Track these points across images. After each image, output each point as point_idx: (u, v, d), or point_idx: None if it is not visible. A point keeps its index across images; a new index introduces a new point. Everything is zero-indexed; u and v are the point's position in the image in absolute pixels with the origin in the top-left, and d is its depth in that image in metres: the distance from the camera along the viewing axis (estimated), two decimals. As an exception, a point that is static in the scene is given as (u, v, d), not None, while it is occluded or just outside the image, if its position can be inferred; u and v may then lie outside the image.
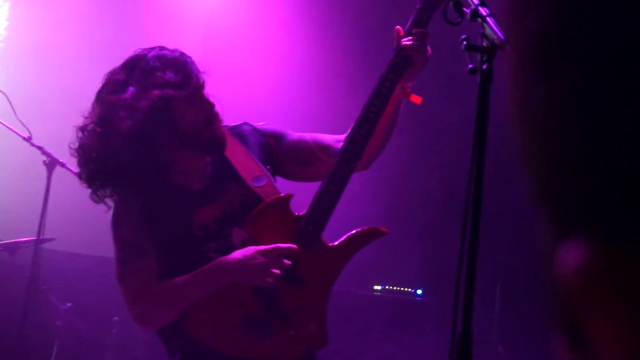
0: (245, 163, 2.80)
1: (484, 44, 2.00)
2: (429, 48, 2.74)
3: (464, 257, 1.93)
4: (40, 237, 5.05)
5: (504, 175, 3.15)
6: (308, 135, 2.93)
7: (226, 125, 2.80)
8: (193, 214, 2.68)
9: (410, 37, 2.72)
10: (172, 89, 2.53)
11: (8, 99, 5.14)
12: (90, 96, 2.70)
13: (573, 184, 0.64)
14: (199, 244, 2.67)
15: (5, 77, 6.86)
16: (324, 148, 2.87)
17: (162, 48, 2.63)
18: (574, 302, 0.65)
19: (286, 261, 2.61)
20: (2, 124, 5.20)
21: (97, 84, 2.70)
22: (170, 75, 2.54)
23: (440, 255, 5.13)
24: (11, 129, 5.18)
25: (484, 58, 1.98)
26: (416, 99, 2.75)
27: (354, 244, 2.81)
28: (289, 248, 2.63)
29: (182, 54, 2.64)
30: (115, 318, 5.68)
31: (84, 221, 6.24)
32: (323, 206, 2.69)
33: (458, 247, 1.92)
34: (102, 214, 2.70)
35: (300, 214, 2.72)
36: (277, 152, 2.90)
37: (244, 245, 2.66)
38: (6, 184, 6.69)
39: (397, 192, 6.44)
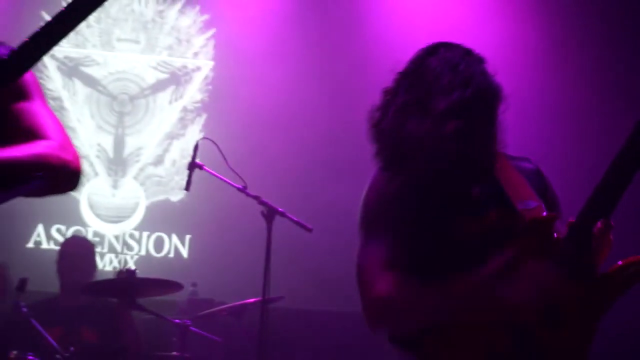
0: (518, 186, 2.77)
1: None
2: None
3: None
4: (267, 297, 5.12)
5: None
6: None
7: (504, 153, 2.85)
8: (456, 219, 2.70)
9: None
10: None
11: (219, 148, 5.39)
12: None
13: None
14: (455, 252, 2.66)
15: (214, 119, 7.41)
16: None
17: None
18: None
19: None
20: (214, 174, 5.43)
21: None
22: None
23: None
24: (224, 180, 5.39)
25: None
26: None
27: (633, 274, 2.56)
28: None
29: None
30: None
31: (312, 274, 6.58)
32: (591, 224, 2.54)
33: None
34: (334, 264, 2.89)
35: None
36: None
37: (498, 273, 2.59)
38: (224, 241, 7.03)
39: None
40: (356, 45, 7.39)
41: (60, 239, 6.99)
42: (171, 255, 7.34)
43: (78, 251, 6.06)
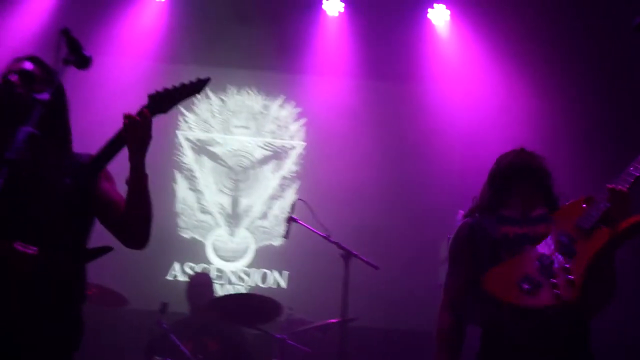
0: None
1: None
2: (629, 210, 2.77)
3: None
4: (345, 318, 5.14)
5: None
6: None
7: None
8: (499, 226, 3.08)
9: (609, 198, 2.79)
10: None
11: (309, 206, 5.45)
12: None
13: None
14: (494, 245, 3.04)
15: (306, 185, 7.39)
16: None
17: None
18: None
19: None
20: (305, 226, 5.47)
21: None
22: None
23: None
24: (313, 230, 5.43)
25: None
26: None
27: (625, 232, 2.77)
28: None
29: None
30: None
31: (381, 300, 6.50)
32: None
33: None
34: (397, 292, 3.13)
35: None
36: None
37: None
38: (313, 276, 6.97)
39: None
40: (411, 130, 7.38)
41: (192, 274, 6.98)
42: (274, 286, 7.28)
43: (202, 282, 6.11)
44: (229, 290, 7.25)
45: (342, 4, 7.41)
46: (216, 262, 7.33)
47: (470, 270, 3.08)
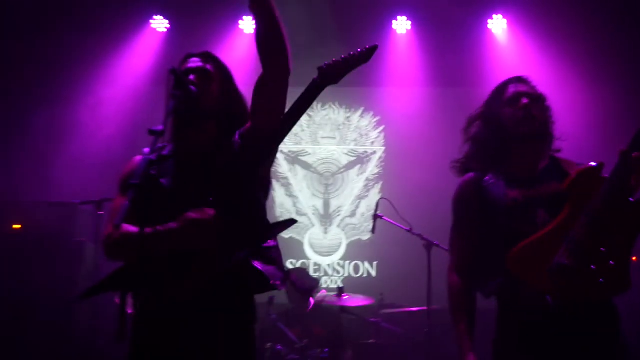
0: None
1: None
2: None
3: None
4: (430, 301, 5.19)
5: None
6: None
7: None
8: (508, 190, 2.62)
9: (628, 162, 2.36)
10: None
11: (392, 203, 5.56)
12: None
13: None
14: (506, 213, 2.57)
15: (387, 185, 7.42)
16: None
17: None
18: None
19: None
20: (390, 221, 5.58)
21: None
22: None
23: None
24: (396, 224, 5.53)
25: None
26: None
27: None
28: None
29: None
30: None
31: None
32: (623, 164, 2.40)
33: None
34: None
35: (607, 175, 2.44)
36: None
37: (544, 225, 2.47)
38: (400, 264, 6.96)
39: None
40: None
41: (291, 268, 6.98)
42: (365, 275, 7.34)
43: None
44: (325, 281, 7.36)
45: (409, 22, 7.54)
46: (313, 257, 7.45)
47: (478, 232, 2.64)
